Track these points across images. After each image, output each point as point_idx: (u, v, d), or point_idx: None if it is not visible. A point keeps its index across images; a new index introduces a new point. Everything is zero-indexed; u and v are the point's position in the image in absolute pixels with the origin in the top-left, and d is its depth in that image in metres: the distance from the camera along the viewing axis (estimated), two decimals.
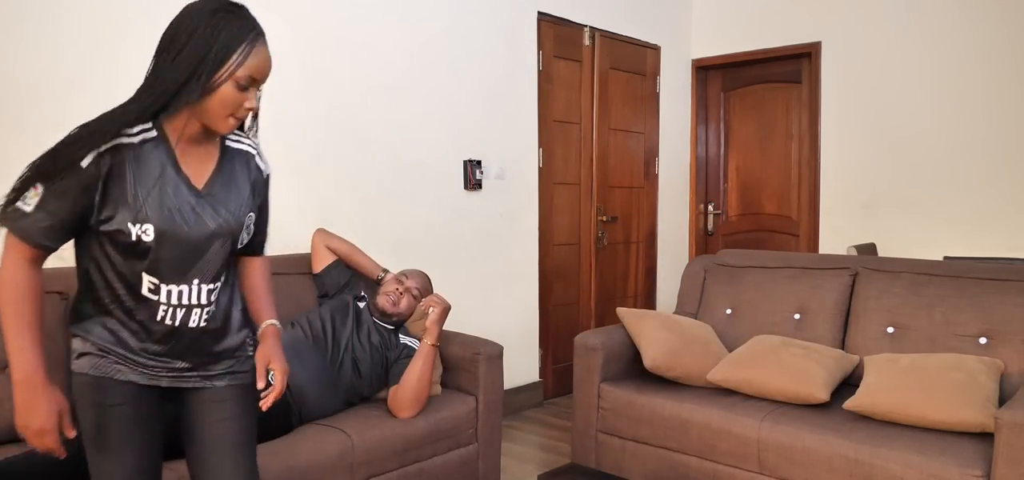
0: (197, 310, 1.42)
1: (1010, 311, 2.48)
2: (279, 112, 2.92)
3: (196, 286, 1.41)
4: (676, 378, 2.74)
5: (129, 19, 2.48)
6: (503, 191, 3.79)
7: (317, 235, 2.73)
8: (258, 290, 1.62)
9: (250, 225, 1.53)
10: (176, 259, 1.37)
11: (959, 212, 3.93)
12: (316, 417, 2.29)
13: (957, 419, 2.19)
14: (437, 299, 2.46)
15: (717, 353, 2.83)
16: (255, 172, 1.55)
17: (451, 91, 3.53)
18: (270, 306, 1.63)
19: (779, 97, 4.69)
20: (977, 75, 3.87)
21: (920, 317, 2.62)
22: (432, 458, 2.42)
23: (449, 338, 2.71)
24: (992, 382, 2.29)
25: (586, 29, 4.21)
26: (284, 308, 2.51)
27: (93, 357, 1.39)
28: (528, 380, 4.01)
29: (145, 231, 1.31)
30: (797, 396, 2.49)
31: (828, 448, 2.24)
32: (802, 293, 2.93)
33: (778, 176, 4.73)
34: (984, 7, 3.85)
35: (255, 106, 1.41)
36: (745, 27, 4.70)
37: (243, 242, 1.51)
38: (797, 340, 2.75)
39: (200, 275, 1.41)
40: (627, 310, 2.94)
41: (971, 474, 2.00)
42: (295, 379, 2.23)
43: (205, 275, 1.42)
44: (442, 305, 2.44)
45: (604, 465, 2.81)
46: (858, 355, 2.68)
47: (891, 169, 4.17)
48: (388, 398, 2.41)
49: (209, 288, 1.43)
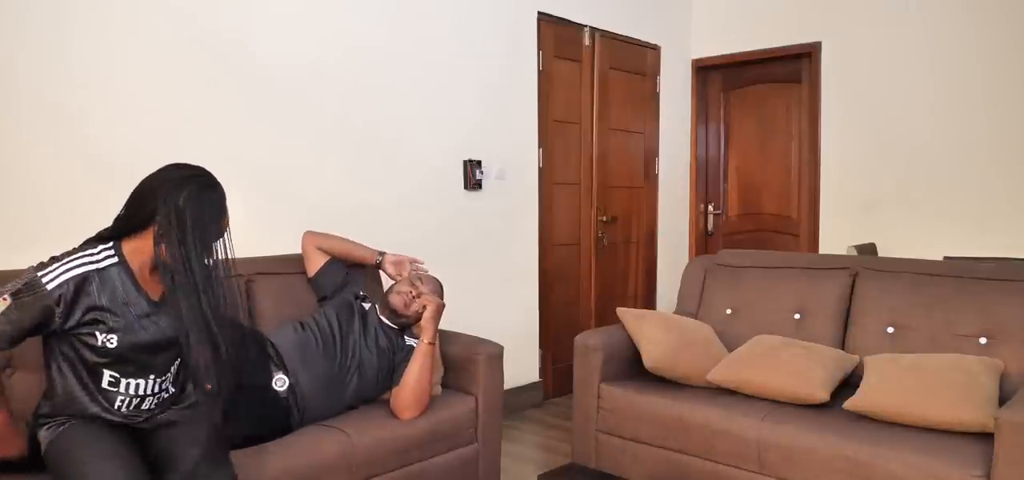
0: (150, 398, 1.69)
1: (1010, 311, 2.48)
2: (279, 113, 2.92)
3: (151, 380, 1.68)
4: (676, 378, 2.74)
5: (136, 17, 2.49)
6: (503, 191, 3.79)
7: (306, 238, 2.69)
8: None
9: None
10: (134, 360, 1.63)
11: (959, 212, 3.93)
12: (319, 420, 2.28)
13: (957, 419, 2.18)
14: (429, 298, 2.45)
15: (717, 353, 2.83)
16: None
17: (451, 91, 3.53)
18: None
19: (779, 97, 4.68)
20: (977, 74, 3.87)
21: (920, 317, 2.62)
22: (432, 458, 2.42)
23: (449, 338, 2.71)
24: (992, 382, 2.28)
25: (586, 29, 4.21)
26: (286, 310, 2.55)
27: (60, 425, 1.63)
28: (528, 380, 4.01)
29: (109, 339, 1.58)
30: (797, 396, 2.48)
31: (828, 448, 2.24)
32: (802, 293, 2.92)
33: (778, 176, 4.72)
34: (985, 6, 3.84)
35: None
36: (745, 27, 4.70)
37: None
38: (797, 340, 2.75)
39: (155, 372, 1.68)
40: (627, 310, 2.94)
41: (971, 474, 1.99)
42: (301, 385, 2.23)
43: (159, 371, 1.69)
44: (434, 303, 2.43)
45: (604, 465, 2.80)
46: (858, 355, 2.68)
47: (891, 169, 4.16)
48: (390, 400, 2.41)
49: (161, 381, 1.70)
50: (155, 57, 2.55)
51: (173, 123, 2.61)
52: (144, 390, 1.67)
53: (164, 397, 1.73)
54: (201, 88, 2.68)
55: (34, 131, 2.32)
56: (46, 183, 2.34)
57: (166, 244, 1.57)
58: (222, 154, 2.74)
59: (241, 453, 1.88)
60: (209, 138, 2.71)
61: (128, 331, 1.59)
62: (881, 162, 4.20)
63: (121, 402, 1.65)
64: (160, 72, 2.57)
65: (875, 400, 2.32)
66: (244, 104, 2.81)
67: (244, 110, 2.81)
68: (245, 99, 2.81)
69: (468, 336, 2.76)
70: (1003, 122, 3.80)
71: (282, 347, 2.28)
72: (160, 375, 1.69)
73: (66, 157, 2.38)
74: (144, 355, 1.64)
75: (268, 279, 2.58)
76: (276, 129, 2.92)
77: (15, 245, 2.25)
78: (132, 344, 1.60)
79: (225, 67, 2.74)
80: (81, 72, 2.39)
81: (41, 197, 2.34)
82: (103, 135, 2.45)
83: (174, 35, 2.58)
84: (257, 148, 2.85)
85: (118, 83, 2.48)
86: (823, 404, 2.48)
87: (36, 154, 2.32)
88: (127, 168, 2.41)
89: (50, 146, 2.34)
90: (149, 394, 1.69)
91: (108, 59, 2.45)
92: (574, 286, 4.28)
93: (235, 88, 2.78)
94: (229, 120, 2.77)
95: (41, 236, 2.29)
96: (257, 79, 2.84)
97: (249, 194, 2.81)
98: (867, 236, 4.14)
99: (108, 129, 2.46)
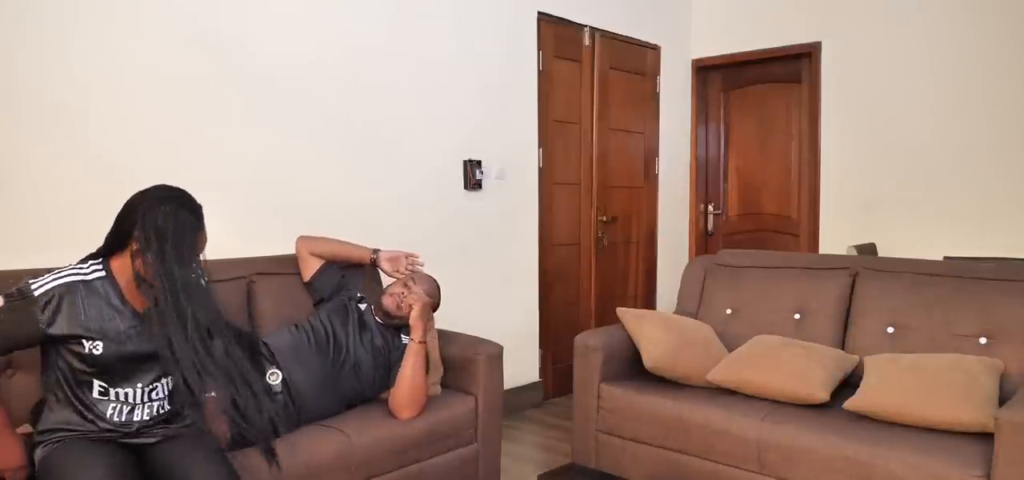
0: (140, 407, 1.74)
1: (1010, 311, 2.48)
2: (279, 113, 2.91)
3: (139, 389, 1.73)
4: (676, 378, 2.73)
5: (136, 17, 2.48)
6: (503, 191, 3.78)
7: (299, 243, 2.68)
8: None
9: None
10: (120, 370, 1.69)
11: (960, 212, 3.92)
12: (315, 419, 2.28)
13: (957, 419, 2.18)
14: (415, 297, 2.45)
15: (717, 353, 2.83)
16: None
17: (451, 91, 3.52)
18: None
19: (779, 97, 4.68)
20: (978, 74, 3.86)
21: (920, 317, 2.61)
22: (431, 458, 2.42)
23: (449, 338, 2.71)
24: (992, 382, 2.28)
25: (586, 29, 4.21)
26: (287, 310, 2.55)
27: (54, 442, 1.68)
28: (528, 380, 4.01)
29: (95, 346, 1.65)
30: (797, 396, 2.48)
31: (828, 448, 2.23)
32: (802, 293, 2.92)
33: (778, 176, 4.72)
34: (985, 6, 3.84)
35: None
36: (745, 27, 4.69)
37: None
38: (797, 340, 2.75)
39: (142, 380, 1.73)
40: (627, 310, 2.94)
41: (971, 474, 1.99)
42: (295, 381, 2.23)
43: (147, 380, 1.74)
44: (421, 302, 2.42)
45: (604, 465, 2.80)
46: (858, 355, 2.67)
47: (891, 169, 4.16)
48: (388, 400, 2.41)
49: (150, 389, 1.75)
50: (155, 57, 2.54)
51: (173, 123, 2.61)
52: (133, 398, 1.73)
53: (157, 410, 1.77)
54: (201, 88, 2.68)
55: (34, 131, 2.32)
56: (46, 183, 2.34)
57: (143, 257, 1.62)
58: (222, 154, 2.74)
59: (241, 453, 1.88)
60: (209, 138, 2.71)
61: (114, 341, 1.66)
62: (881, 162, 4.19)
63: (112, 411, 1.70)
64: (160, 72, 2.56)
65: (875, 400, 2.32)
66: (244, 104, 2.80)
67: (244, 110, 2.80)
68: (245, 99, 2.80)
69: (468, 336, 2.76)
70: (1004, 122, 3.80)
71: (276, 347, 2.29)
72: (148, 384, 1.74)
73: (66, 157, 2.37)
74: (130, 364, 1.70)
75: (268, 279, 2.58)
76: (276, 129, 2.91)
77: (15, 245, 2.25)
78: (118, 354, 1.67)
79: (225, 67, 2.74)
80: (81, 72, 2.39)
81: (41, 197, 2.34)
82: (103, 136, 2.44)
83: (174, 35, 2.58)
84: (257, 148, 2.85)
85: (118, 84, 2.47)
86: (823, 404, 2.47)
87: (36, 154, 2.32)
88: (126, 169, 2.46)
89: (50, 146, 2.34)
90: (139, 402, 1.74)
91: (108, 60, 2.44)
92: (574, 286, 4.28)
93: (235, 88, 2.77)
94: (229, 120, 2.76)
95: (41, 236, 2.31)
96: (257, 79, 2.83)
97: (249, 194, 2.82)
98: (867, 236, 4.13)
99: (107, 130, 2.45)
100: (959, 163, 3.93)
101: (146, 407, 1.75)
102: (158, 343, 1.64)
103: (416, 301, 2.42)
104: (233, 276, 2.50)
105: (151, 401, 1.76)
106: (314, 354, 2.33)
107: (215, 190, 2.69)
